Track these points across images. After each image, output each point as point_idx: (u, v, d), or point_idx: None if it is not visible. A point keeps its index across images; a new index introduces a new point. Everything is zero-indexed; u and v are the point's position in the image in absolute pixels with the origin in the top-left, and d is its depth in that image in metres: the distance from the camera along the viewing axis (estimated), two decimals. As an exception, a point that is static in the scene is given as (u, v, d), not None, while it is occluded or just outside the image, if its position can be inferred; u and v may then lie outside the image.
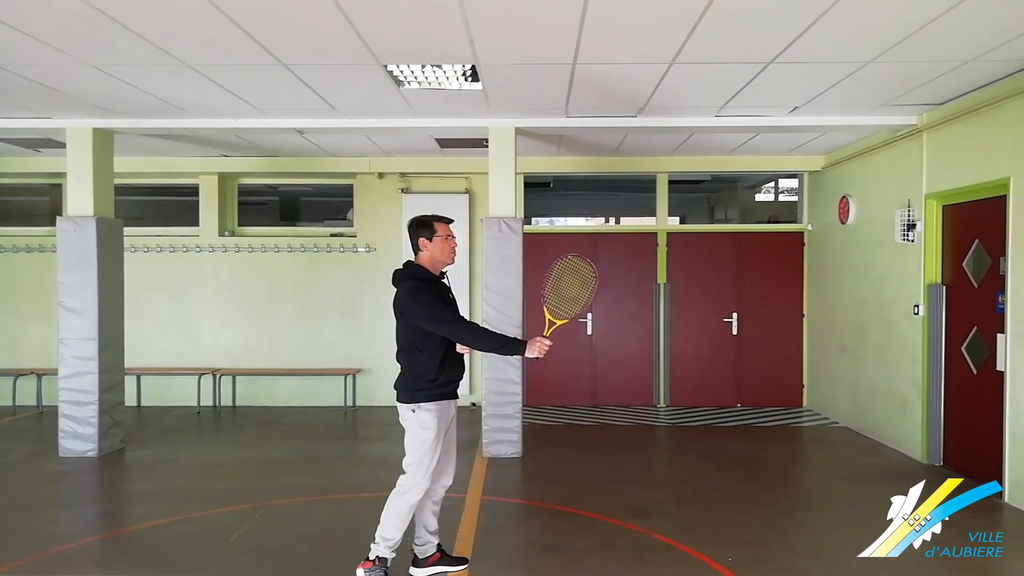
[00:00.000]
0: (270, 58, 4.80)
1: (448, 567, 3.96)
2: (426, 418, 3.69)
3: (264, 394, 8.95)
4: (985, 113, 5.38)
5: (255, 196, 9.66)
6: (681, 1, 3.84)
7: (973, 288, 5.74)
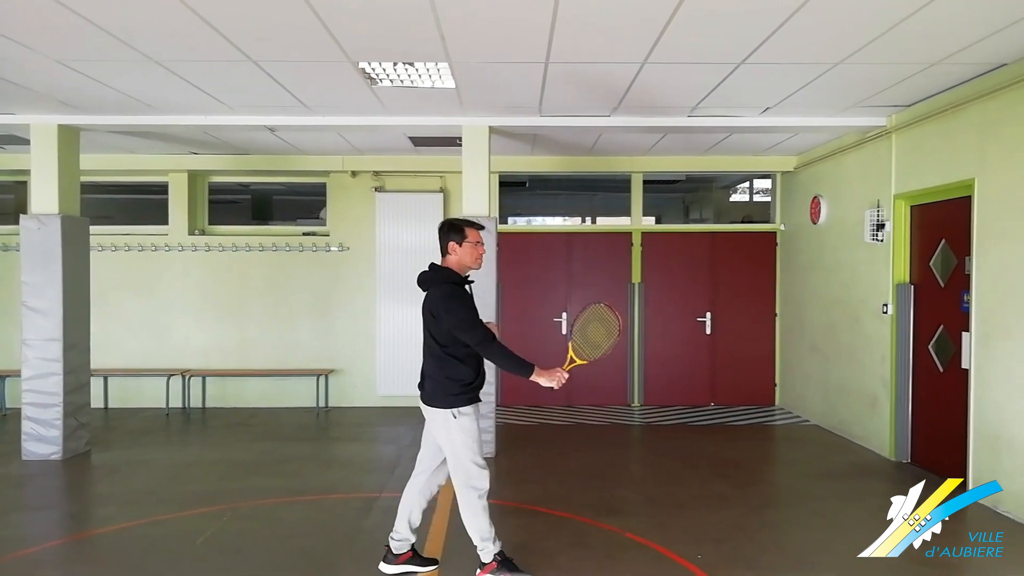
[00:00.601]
0: (238, 54, 4.73)
1: (418, 567, 3.95)
2: (466, 422, 3.75)
3: (234, 395, 8.84)
4: (951, 115, 5.46)
5: (226, 194, 9.54)
6: (651, 1, 3.84)
7: (940, 287, 5.82)
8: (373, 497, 5.31)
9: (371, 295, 8.84)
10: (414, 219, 8.75)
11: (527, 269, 8.91)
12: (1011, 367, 4.84)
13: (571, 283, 9.00)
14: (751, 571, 3.98)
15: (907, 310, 6.17)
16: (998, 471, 4.95)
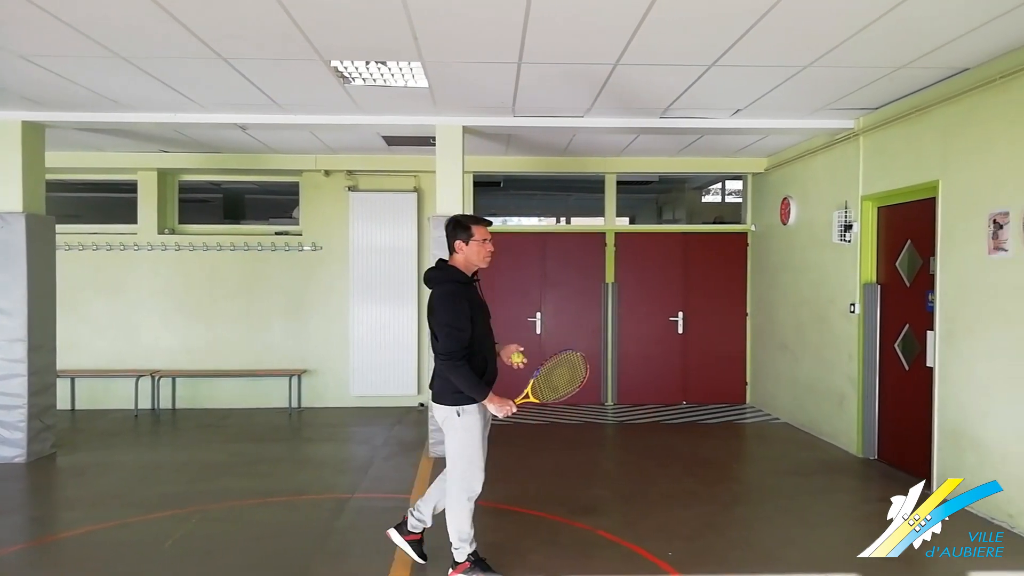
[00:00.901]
0: (208, 51, 4.68)
1: (415, 553, 4.04)
2: (471, 421, 3.71)
3: (205, 396, 8.74)
4: (916, 118, 5.57)
5: (197, 193, 9.43)
6: (622, 3, 3.87)
7: (905, 287, 5.94)
8: (346, 498, 5.28)
9: (344, 295, 8.79)
10: (388, 219, 8.72)
11: (501, 269, 8.90)
12: (973, 365, 4.95)
13: (545, 283, 9.03)
14: (721, 567, 4.02)
15: (874, 310, 6.28)
16: (961, 467, 5.06)
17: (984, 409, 4.84)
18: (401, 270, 8.75)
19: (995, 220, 4.71)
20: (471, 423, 3.72)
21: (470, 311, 3.67)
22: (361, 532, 4.61)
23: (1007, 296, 4.62)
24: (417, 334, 8.72)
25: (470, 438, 3.74)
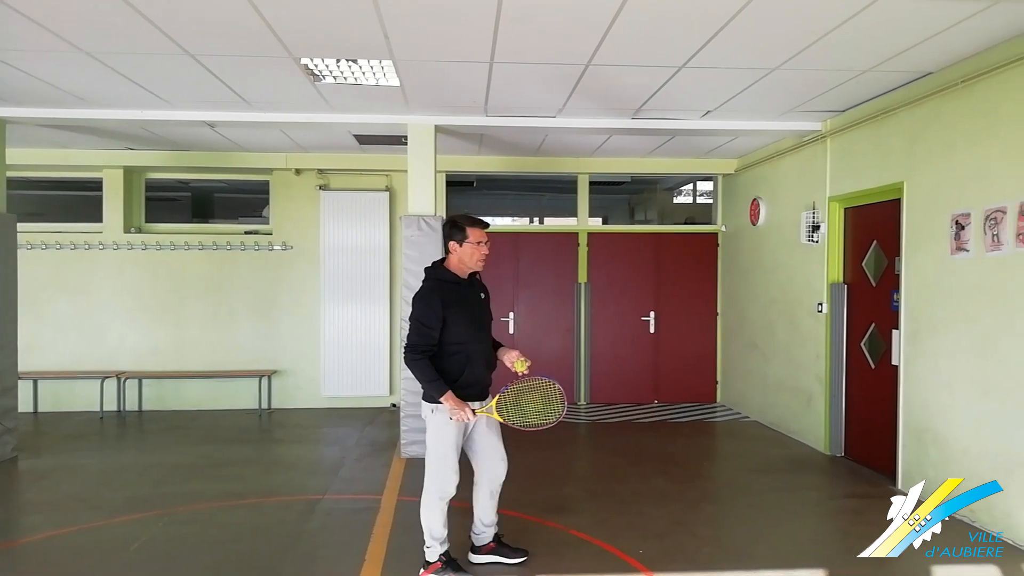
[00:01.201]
0: (175, 47, 4.61)
1: (505, 558, 3.98)
2: (442, 419, 3.69)
3: (172, 397, 8.60)
4: (882, 120, 5.67)
5: (165, 191, 9.28)
6: (593, 3, 3.88)
7: (871, 287, 6.04)
8: (316, 499, 5.23)
9: (315, 295, 8.71)
10: (360, 218, 8.66)
11: (474, 269, 8.89)
12: (937, 363, 5.04)
13: (518, 283, 9.03)
14: (691, 564, 4.05)
15: (841, 309, 6.38)
16: (925, 463, 5.16)
17: (947, 406, 4.94)
18: (373, 270, 8.69)
19: (957, 221, 4.81)
20: (442, 422, 3.70)
21: (443, 311, 3.66)
22: (332, 534, 4.57)
23: (969, 296, 4.72)
24: (389, 334, 8.67)
25: (441, 436, 3.73)
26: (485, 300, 3.94)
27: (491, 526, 4.01)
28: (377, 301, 8.68)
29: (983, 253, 4.58)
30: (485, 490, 3.96)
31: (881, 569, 4.02)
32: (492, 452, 3.90)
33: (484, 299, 3.93)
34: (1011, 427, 4.35)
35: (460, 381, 3.69)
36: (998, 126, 4.48)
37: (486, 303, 3.95)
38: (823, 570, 3.97)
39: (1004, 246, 4.39)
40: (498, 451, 3.92)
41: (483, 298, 3.93)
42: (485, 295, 3.97)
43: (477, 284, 3.93)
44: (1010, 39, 4.36)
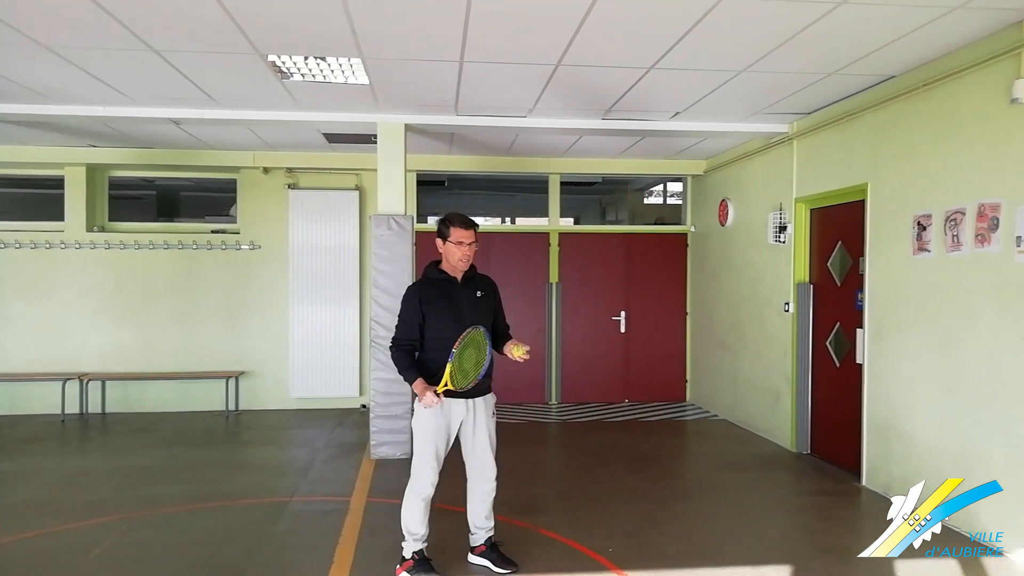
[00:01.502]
0: (139, 43, 4.52)
1: (493, 564, 3.94)
2: (423, 415, 3.73)
3: (137, 399, 8.44)
4: (847, 123, 5.76)
5: (129, 190, 9.09)
6: (563, 3, 3.89)
7: (836, 286, 6.13)
8: (284, 501, 5.17)
9: (284, 295, 8.61)
10: (329, 217, 8.59)
11: (445, 269, 8.86)
12: (900, 361, 5.14)
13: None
14: (660, 562, 4.08)
15: (807, 308, 6.47)
16: (888, 460, 5.25)
17: (910, 404, 5.03)
18: (343, 270, 8.62)
19: (919, 222, 4.90)
20: (421, 420, 3.76)
21: (423, 308, 3.76)
22: (300, 536, 4.51)
23: (930, 295, 4.82)
24: (359, 335, 8.61)
25: (420, 434, 3.78)
26: (482, 299, 3.92)
27: (483, 529, 3.99)
28: (347, 301, 8.61)
29: (944, 253, 4.67)
30: (473, 494, 3.98)
31: (845, 564, 4.08)
32: (477, 463, 3.93)
33: (480, 297, 3.92)
34: (971, 425, 4.45)
35: (433, 379, 3.70)
36: (957, 129, 4.58)
37: (483, 302, 3.93)
38: (789, 566, 4.02)
39: (963, 247, 4.49)
40: (486, 454, 3.91)
41: (479, 296, 3.92)
42: (484, 294, 3.95)
43: (474, 283, 3.94)
44: (967, 45, 4.46)
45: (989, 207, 4.28)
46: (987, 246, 4.30)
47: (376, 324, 6.36)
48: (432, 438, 3.76)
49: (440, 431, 3.78)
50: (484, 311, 3.93)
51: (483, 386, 3.86)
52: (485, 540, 4.00)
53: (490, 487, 3.95)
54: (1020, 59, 4.08)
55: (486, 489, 3.95)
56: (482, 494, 3.95)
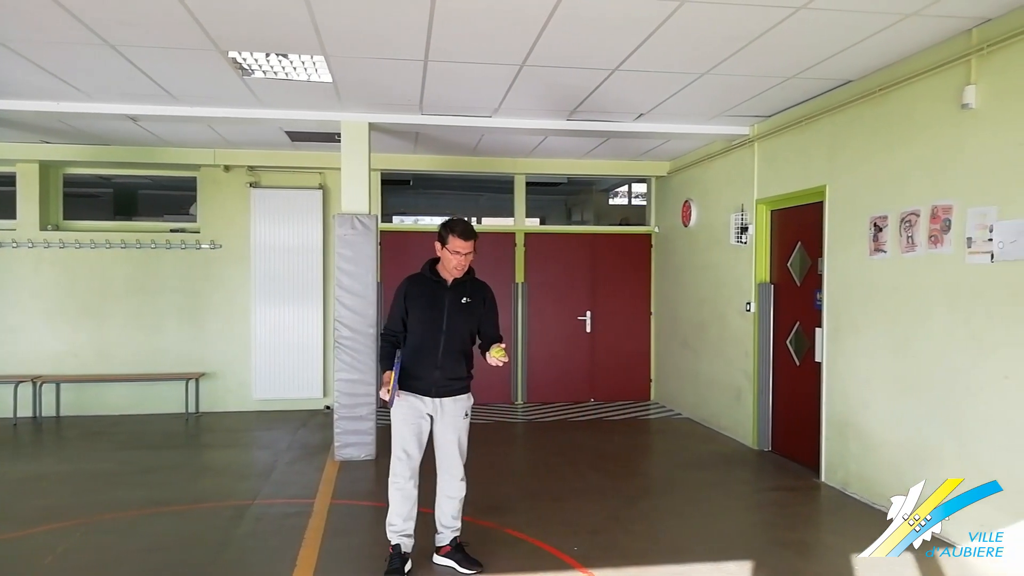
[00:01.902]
0: (94, 37, 4.41)
1: (458, 565, 3.93)
2: (395, 409, 3.85)
3: (94, 402, 8.24)
4: (805, 126, 5.87)
5: (84, 187, 8.87)
6: (526, 4, 3.90)
7: (796, 286, 6.25)
8: (246, 505, 5.09)
9: (245, 295, 8.48)
10: (292, 217, 8.48)
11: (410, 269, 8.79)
12: (857, 359, 5.26)
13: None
14: (624, 560, 4.11)
15: (768, 308, 6.58)
16: (846, 455, 5.37)
17: (866, 400, 5.15)
18: (306, 269, 8.52)
19: (875, 223, 5.02)
20: (393, 413, 3.87)
21: (406, 303, 3.92)
22: (262, 540, 4.46)
23: (886, 294, 4.94)
24: (323, 335, 8.52)
25: (395, 422, 3.87)
26: (466, 305, 3.93)
27: (449, 529, 4.00)
28: (310, 301, 8.52)
29: (899, 254, 4.79)
30: (439, 491, 4.00)
31: (804, 558, 4.17)
32: (442, 460, 3.97)
33: (465, 304, 3.93)
34: (924, 420, 4.57)
35: (411, 372, 3.84)
36: (912, 133, 4.70)
37: (467, 308, 3.93)
38: (750, 561, 4.08)
39: (918, 247, 4.61)
40: (453, 455, 3.94)
41: (464, 303, 3.93)
42: (470, 301, 3.95)
43: (463, 288, 3.96)
44: (920, 51, 4.58)
45: (942, 209, 4.40)
46: (940, 247, 4.42)
47: (340, 324, 6.30)
48: (403, 431, 3.85)
49: (410, 425, 3.85)
50: (465, 317, 3.94)
51: (453, 387, 3.92)
52: (450, 541, 4.00)
53: (456, 486, 3.96)
54: (970, 66, 4.20)
55: (452, 488, 3.96)
56: (448, 492, 3.97)
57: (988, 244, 4.05)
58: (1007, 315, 3.95)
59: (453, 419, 3.92)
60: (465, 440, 3.99)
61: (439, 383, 3.87)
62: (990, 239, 4.03)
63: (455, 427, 3.93)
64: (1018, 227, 3.86)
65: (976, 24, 4.14)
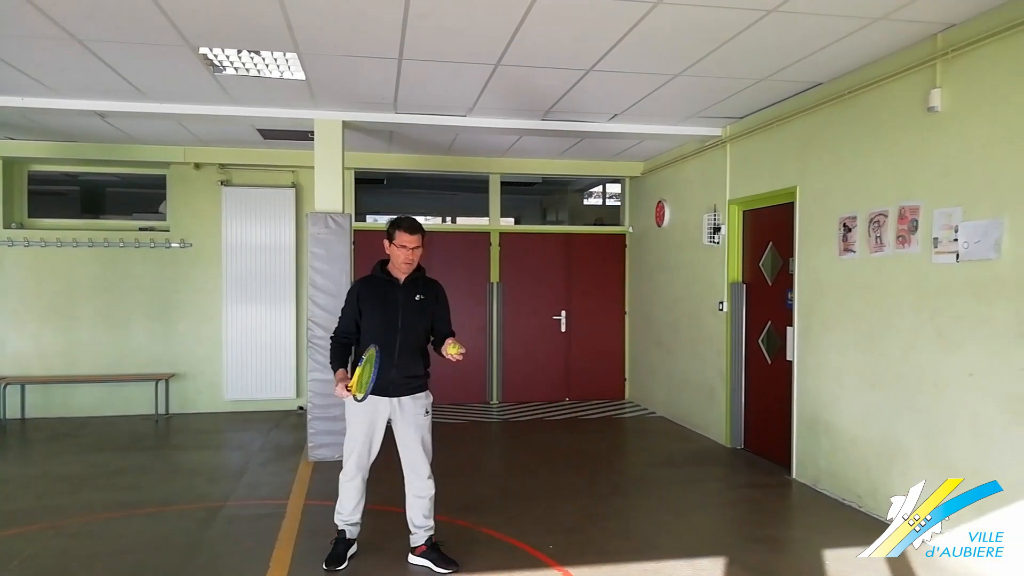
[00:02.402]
0: (60, 31, 4.32)
1: (434, 564, 3.91)
2: (349, 407, 3.89)
3: (60, 404, 8.08)
4: (777, 128, 5.95)
5: (50, 185, 8.69)
6: (501, 4, 3.90)
7: (768, 286, 6.33)
8: (218, 506, 5.03)
9: (217, 294, 8.37)
10: (264, 215, 8.40)
11: (384, 268, 8.77)
12: (828, 357, 5.34)
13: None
14: (600, 557, 4.13)
15: (740, 307, 6.66)
16: (817, 453, 5.45)
17: (836, 398, 5.24)
18: (278, 269, 8.44)
19: (845, 224, 5.10)
20: (348, 411, 3.94)
21: (359, 305, 3.94)
22: (235, 542, 4.41)
23: (855, 294, 5.02)
24: (295, 335, 8.44)
25: (350, 422, 3.94)
26: (420, 303, 3.96)
27: (422, 528, 3.99)
28: (283, 300, 8.44)
29: (868, 254, 4.88)
30: (408, 491, 4.01)
31: (776, 553, 4.22)
32: (407, 460, 4.00)
33: (419, 302, 3.96)
34: (893, 417, 4.66)
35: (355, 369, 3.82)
36: (880, 135, 4.79)
37: (420, 306, 3.97)
38: (724, 557, 4.12)
39: (886, 247, 4.69)
40: (418, 455, 3.97)
41: (417, 300, 3.95)
42: (423, 298, 3.98)
43: (415, 286, 3.98)
44: (888, 55, 4.67)
45: (909, 210, 4.49)
46: (907, 247, 4.50)
47: (313, 324, 6.25)
48: (355, 430, 3.91)
49: (364, 424, 3.91)
50: (419, 315, 3.98)
51: (411, 385, 3.95)
52: (426, 540, 4.00)
53: (423, 484, 3.98)
54: (935, 70, 4.29)
55: (419, 487, 3.97)
56: (416, 491, 3.98)
57: (954, 244, 4.14)
58: (971, 314, 4.04)
59: (414, 417, 3.94)
60: (428, 438, 4.01)
61: (397, 382, 3.88)
62: (956, 239, 4.12)
63: (416, 425, 3.95)
64: (982, 228, 3.96)
65: (941, 29, 4.23)
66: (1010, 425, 3.82)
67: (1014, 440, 3.80)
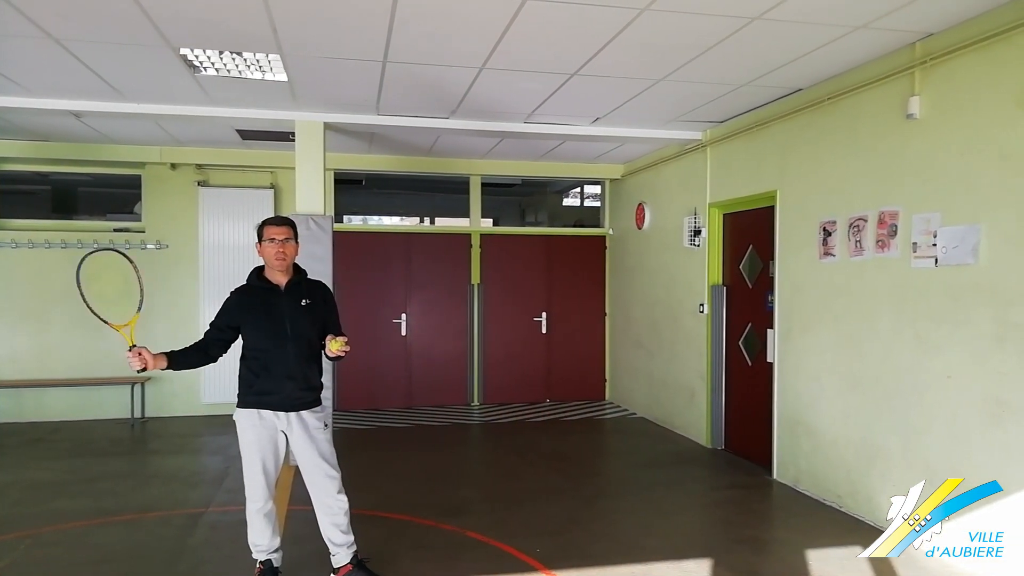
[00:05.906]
0: (35, 30, 4.24)
1: None
2: (239, 426, 3.65)
3: (32, 408, 7.92)
4: (757, 132, 6.02)
5: (20, 184, 8.50)
6: (488, 8, 3.90)
7: (748, 288, 6.40)
8: (198, 513, 4.97)
9: (193, 296, 8.26)
10: (242, 216, 8.30)
11: (365, 270, 8.73)
12: (808, 359, 5.41)
13: (410, 284, 8.94)
14: (586, 560, 4.15)
15: (720, 309, 6.73)
16: (797, 453, 5.52)
17: (817, 400, 5.31)
18: (257, 271, 8.32)
19: (825, 228, 5.18)
20: (239, 427, 3.67)
21: (239, 315, 3.66)
22: (217, 548, 4.35)
23: (835, 297, 5.10)
24: (275, 337, 8.34)
25: (243, 445, 3.64)
26: (307, 307, 3.66)
27: (343, 547, 3.71)
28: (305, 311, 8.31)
29: (847, 258, 4.95)
30: (317, 512, 3.72)
31: (759, 554, 4.27)
32: (312, 482, 3.68)
33: (306, 306, 3.66)
34: (872, 418, 4.74)
35: (256, 388, 3.61)
36: (859, 141, 4.86)
37: (308, 311, 3.67)
38: (708, 559, 4.16)
39: (865, 251, 4.77)
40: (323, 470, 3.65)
41: (304, 305, 3.66)
42: (310, 302, 3.69)
43: (299, 290, 3.71)
44: (868, 62, 4.75)
45: (889, 215, 4.57)
46: (887, 251, 4.58)
47: (295, 327, 6.18)
48: (250, 458, 3.61)
49: (259, 443, 3.60)
50: (308, 321, 3.67)
51: (307, 399, 3.67)
52: (351, 559, 3.71)
53: (333, 501, 3.67)
54: (914, 78, 4.37)
55: (330, 504, 3.67)
56: (326, 509, 3.67)
57: (932, 249, 4.22)
58: (949, 317, 4.12)
59: (314, 432, 3.64)
60: (328, 449, 3.69)
61: (292, 395, 3.60)
62: (934, 244, 4.20)
63: (314, 440, 3.63)
64: (960, 233, 4.04)
65: (920, 38, 4.31)
66: (987, 427, 3.91)
67: (991, 441, 3.88)
